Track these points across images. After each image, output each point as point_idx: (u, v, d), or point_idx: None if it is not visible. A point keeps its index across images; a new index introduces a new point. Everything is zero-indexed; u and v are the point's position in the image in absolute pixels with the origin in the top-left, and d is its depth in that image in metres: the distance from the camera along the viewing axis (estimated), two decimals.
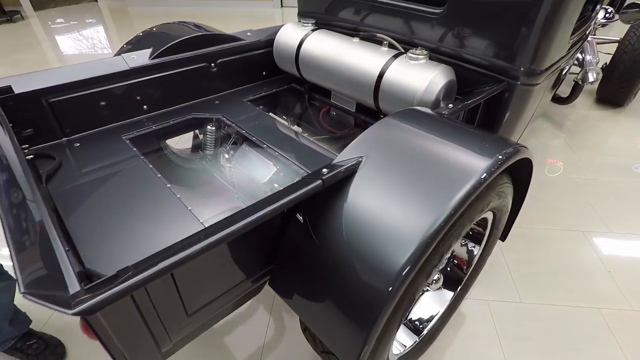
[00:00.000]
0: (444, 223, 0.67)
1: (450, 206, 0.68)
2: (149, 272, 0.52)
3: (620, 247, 1.62)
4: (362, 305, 0.69)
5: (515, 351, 1.24)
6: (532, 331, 1.30)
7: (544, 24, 1.11)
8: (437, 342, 1.25)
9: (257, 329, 1.31)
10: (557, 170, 2.01)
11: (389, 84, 1.25)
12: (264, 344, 1.26)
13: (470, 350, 1.24)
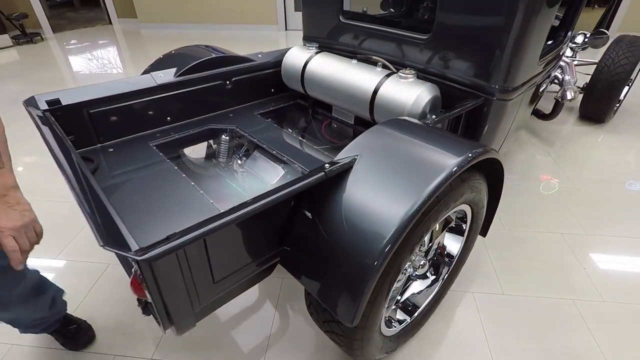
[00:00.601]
0: (419, 207, 0.84)
1: (425, 193, 0.85)
2: (191, 234, 0.69)
3: (594, 247, 1.78)
4: (356, 273, 0.85)
5: (497, 335, 1.38)
6: (512, 319, 1.45)
7: (513, 48, 1.31)
8: (427, 325, 1.40)
9: (263, 321, 1.44)
10: (552, 188, 2.15)
11: (382, 99, 1.45)
12: (270, 335, 1.40)
13: (457, 333, 1.39)
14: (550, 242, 1.80)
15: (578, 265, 1.67)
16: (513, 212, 1.98)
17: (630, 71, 2.51)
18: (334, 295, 0.90)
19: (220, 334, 1.40)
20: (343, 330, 0.99)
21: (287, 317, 1.46)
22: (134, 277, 0.84)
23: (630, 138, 2.72)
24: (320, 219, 0.94)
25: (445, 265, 1.40)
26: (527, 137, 2.75)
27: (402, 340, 1.29)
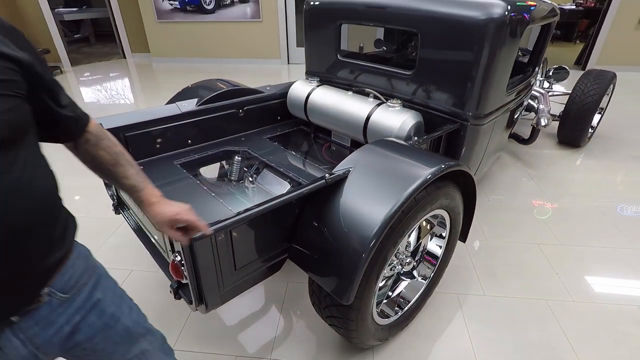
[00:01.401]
0: (399, 208, 1.07)
1: (403, 196, 1.08)
2: (228, 221, 0.92)
3: (567, 255, 1.98)
4: (350, 261, 1.06)
5: (477, 330, 1.57)
6: (492, 316, 1.63)
7: (482, 81, 1.58)
8: (417, 322, 1.58)
9: (269, 323, 1.60)
10: (546, 213, 2.34)
11: (373, 125, 1.70)
12: (275, 336, 1.57)
13: (443, 328, 1.57)
14: (528, 252, 2.00)
15: (552, 271, 1.87)
16: (496, 226, 2.20)
17: (598, 101, 2.80)
18: (333, 280, 1.11)
19: (228, 333, 1.58)
20: (341, 312, 1.19)
21: (291, 319, 1.64)
22: (173, 263, 1.05)
23: (604, 161, 2.97)
24: (321, 219, 1.16)
25: (430, 265, 1.61)
26: (511, 160, 3.00)
27: (393, 331, 1.47)
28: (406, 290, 1.56)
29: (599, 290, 1.77)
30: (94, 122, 0.80)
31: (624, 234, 2.14)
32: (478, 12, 1.49)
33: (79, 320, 0.72)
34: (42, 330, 0.66)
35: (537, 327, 1.58)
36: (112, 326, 0.77)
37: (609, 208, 2.38)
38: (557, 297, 1.72)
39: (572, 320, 1.61)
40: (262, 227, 1.14)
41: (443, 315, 1.64)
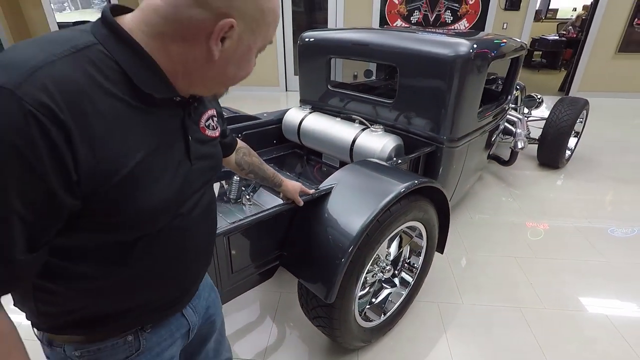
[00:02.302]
0: (374, 217, 1.24)
1: (378, 207, 1.26)
2: (222, 228, 1.09)
3: (541, 267, 2.12)
4: (331, 264, 1.22)
5: (455, 335, 1.70)
6: (469, 322, 1.76)
7: (453, 109, 1.78)
8: (399, 327, 1.72)
9: (262, 331, 1.72)
10: (524, 228, 2.49)
11: (359, 147, 1.90)
12: (268, 343, 1.69)
13: (424, 333, 1.70)
14: (504, 264, 2.15)
15: (526, 281, 2.01)
16: (476, 241, 2.35)
17: (572, 125, 3.02)
18: (317, 281, 1.26)
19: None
20: (325, 312, 1.33)
21: (283, 327, 1.76)
22: None
23: (581, 182, 3.16)
24: (308, 229, 1.33)
25: (410, 274, 1.75)
26: (494, 180, 3.19)
27: (376, 334, 1.60)
28: (388, 297, 1.70)
29: (569, 299, 1.91)
30: (239, 140, 1.07)
31: (596, 247, 2.30)
32: (447, 50, 1.72)
33: (207, 296, 0.88)
34: (199, 301, 0.82)
35: (510, 333, 1.71)
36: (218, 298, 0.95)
37: (584, 224, 2.54)
38: (530, 306, 1.86)
39: (544, 327, 1.74)
40: (255, 235, 1.30)
41: (424, 321, 1.77)
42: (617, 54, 5.40)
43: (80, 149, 0.45)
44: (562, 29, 8.00)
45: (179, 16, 0.49)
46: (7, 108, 0.40)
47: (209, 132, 0.67)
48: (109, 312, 0.63)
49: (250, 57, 0.58)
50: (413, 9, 5.45)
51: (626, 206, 2.79)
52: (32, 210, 0.44)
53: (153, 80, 0.52)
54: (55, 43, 0.47)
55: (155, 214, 0.57)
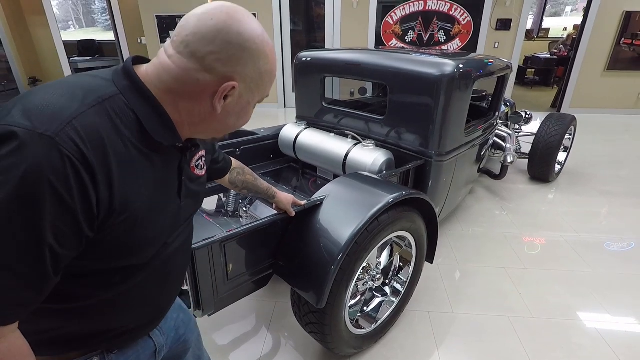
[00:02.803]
0: (363, 227, 1.31)
1: (367, 217, 1.33)
2: (219, 236, 1.16)
3: (530, 277, 2.18)
4: (322, 271, 1.29)
5: (445, 343, 1.74)
6: (459, 331, 1.81)
7: (440, 125, 1.88)
8: (389, 335, 1.76)
9: (257, 338, 1.77)
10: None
11: (351, 161, 1.99)
12: (262, 349, 1.74)
13: (414, 342, 1.74)
14: (495, 275, 2.21)
15: (515, 291, 2.07)
16: (467, 252, 2.41)
17: (560, 140, 3.12)
18: (309, 288, 1.33)
19: (220, 346, 1.75)
20: (317, 318, 1.39)
21: (277, 335, 1.81)
22: None
23: (570, 195, 3.24)
24: (301, 237, 1.40)
25: (401, 283, 1.81)
26: (486, 194, 3.27)
27: (367, 342, 1.65)
28: (379, 305, 1.75)
29: (557, 308, 1.96)
30: (233, 159, 1.18)
31: (584, 259, 2.36)
32: (433, 70, 1.82)
33: (176, 317, 0.92)
34: (165, 323, 0.86)
35: (499, 341, 1.76)
36: (190, 318, 1.00)
37: (572, 236, 2.61)
38: (518, 314, 1.91)
39: (531, 335, 1.79)
40: (250, 244, 1.37)
41: (415, 330, 1.82)
42: (606, 71, 5.56)
43: (102, 189, 0.52)
44: (554, 48, 8.23)
45: (188, 79, 0.57)
46: (48, 152, 0.47)
47: (197, 171, 0.76)
48: (82, 333, 0.66)
49: (248, 110, 0.67)
50: (407, 29, 5.64)
51: (613, 218, 2.87)
52: (61, 240, 0.50)
53: (163, 130, 0.60)
54: (85, 92, 0.54)
55: (148, 246, 0.64)
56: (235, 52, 0.57)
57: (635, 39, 5.31)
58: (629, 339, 1.78)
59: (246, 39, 0.58)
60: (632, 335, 1.80)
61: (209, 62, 0.57)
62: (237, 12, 0.58)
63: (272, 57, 0.64)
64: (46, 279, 0.51)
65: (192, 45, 0.56)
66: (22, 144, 0.46)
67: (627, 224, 2.78)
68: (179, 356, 0.97)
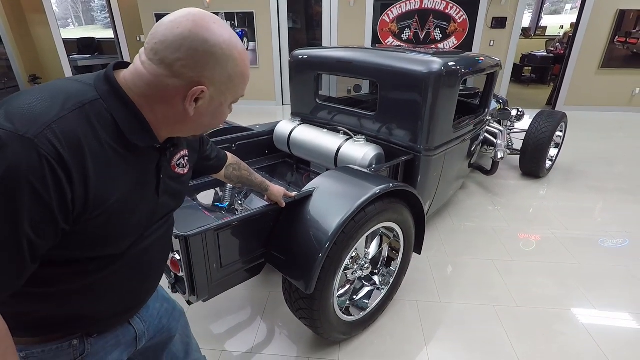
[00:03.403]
0: (349, 216, 1.38)
1: (353, 207, 1.40)
2: (214, 224, 1.23)
3: (516, 269, 2.25)
4: (310, 258, 1.35)
5: (431, 330, 1.81)
6: (445, 319, 1.88)
7: (429, 121, 1.94)
8: (378, 322, 1.84)
9: (251, 325, 1.84)
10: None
11: (342, 156, 2.05)
12: (256, 335, 1.81)
13: (401, 329, 1.82)
14: (482, 266, 2.28)
15: (501, 282, 2.14)
16: (457, 245, 2.48)
17: (550, 136, 3.19)
18: (298, 274, 1.39)
19: (215, 333, 1.83)
20: (306, 303, 1.46)
21: (270, 322, 1.87)
22: (172, 260, 1.35)
23: (560, 191, 3.31)
24: (291, 227, 1.47)
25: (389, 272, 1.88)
26: (478, 189, 3.34)
27: (356, 329, 1.72)
28: (368, 294, 1.82)
29: (541, 297, 2.03)
30: (229, 155, 1.23)
31: (571, 252, 2.43)
32: (421, 67, 1.89)
33: (159, 307, 0.98)
34: (147, 312, 0.92)
35: (482, 327, 1.83)
36: (174, 307, 1.05)
37: (560, 230, 2.68)
38: (503, 304, 1.98)
39: (514, 322, 1.86)
40: (243, 233, 1.43)
41: (403, 318, 1.89)
42: (600, 69, 5.62)
43: (77, 187, 0.56)
44: (551, 46, 8.28)
45: (159, 84, 0.61)
46: (27, 153, 0.51)
47: (179, 169, 0.80)
48: (60, 317, 0.70)
49: (222, 110, 0.71)
50: (404, 27, 5.69)
51: (602, 213, 2.94)
52: (37, 232, 0.54)
53: (140, 133, 0.64)
54: (66, 97, 0.58)
55: (123, 238, 0.69)
56: (202, 58, 0.60)
57: (629, 37, 5.37)
58: (608, 326, 1.85)
59: (212, 45, 0.61)
60: (611, 323, 1.87)
61: (177, 69, 0.60)
62: (203, 19, 0.61)
63: (241, 60, 0.66)
64: (24, 266, 0.56)
65: (160, 53, 0.60)
66: (4, 145, 0.51)
67: (615, 219, 2.85)
68: (165, 343, 1.03)
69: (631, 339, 1.78)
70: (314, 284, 1.36)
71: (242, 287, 2.09)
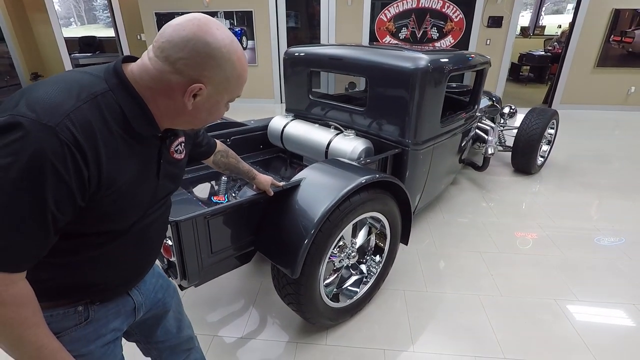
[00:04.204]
0: (334, 204, 1.44)
1: (338, 196, 1.46)
2: (203, 211, 1.29)
3: (503, 261, 2.31)
4: (296, 244, 1.42)
5: (417, 318, 1.88)
6: (430, 307, 1.94)
7: (416, 116, 2.00)
8: (365, 310, 1.90)
9: (243, 311, 1.91)
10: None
11: (333, 149, 2.12)
12: (247, 321, 1.88)
13: (388, 317, 1.88)
14: (470, 258, 2.34)
15: (488, 273, 2.20)
16: (446, 238, 2.54)
17: (541, 133, 3.24)
18: (285, 260, 1.46)
19: (208, 319, 1.89)
20: (293, 288, 1.53)
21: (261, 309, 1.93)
22: (165, 245, 1.41)
23: (551, 187, 3.36)
24: (279, 216, 1.53)
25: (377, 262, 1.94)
26: (470, 185, 3.39)
27: (343, 315, 1.79)
28: (356, 282, 1.89)
29: (525, 288, 2.09)
30: (218, 142, 1.28)
31: (557, 245, 2.49)
32: (408, 64, 1.95)
33: (155, 282, 1.05)
34: (144, 285, 0.99)
35: (466, 316, 1.89)
36: (168, 284, 1.12)
37: (547, 224, 2.74)
38: (488, 293, 2.04)
39: (498, 311, 1.92)
40: (232, 221, 1.50)
41: (390, 306, 1.95)
42: (596, 68, 5.67)
43: (92, 169, 0.64)
44: (549, 45, 8.32)
45: (162, 79, 0.68)
46: (50, 139, 0.59)
47: (176, 155, 0.88)
48: (70, 285, 0.77)
49: (219, 107, 0.77)
50: (401, 26, 5.75)
51: (592, 208, 2.99)
52: (59, 207, 0.62)
53: (144, 123, 0.72)
54: (80, 88, 0.65)
55: (128, 215, 0.77)
56: (202, 59, 0.67)
57: (624, 36, 5.41)
58: (590, 316, 1.91)
59: (213, 48, 0.67)
60: (593, 313, 1.93)
61: (179, 66, 0.67)
62: (207, 24, 0.68)
63: (239, 64, 0.72)
64: (48, 237, 0.64)
65: (166, 51, 0.67)
66: (29, 132, 0.58)
67: (604, 215, 2.91)
68: (161, 316, 1.10)
69: (611, 328, 1.84)
70: (299, 269, 1.42)
71: (235, 277, 2.17)
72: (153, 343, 1.14)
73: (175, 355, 1.21)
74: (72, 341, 0.79)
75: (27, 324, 0.66)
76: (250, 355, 1.70)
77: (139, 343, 1.14)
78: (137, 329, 1.07)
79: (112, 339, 0.89)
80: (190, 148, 1.05)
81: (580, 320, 1.87)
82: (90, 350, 0.83)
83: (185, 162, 0.96)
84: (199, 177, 2.24)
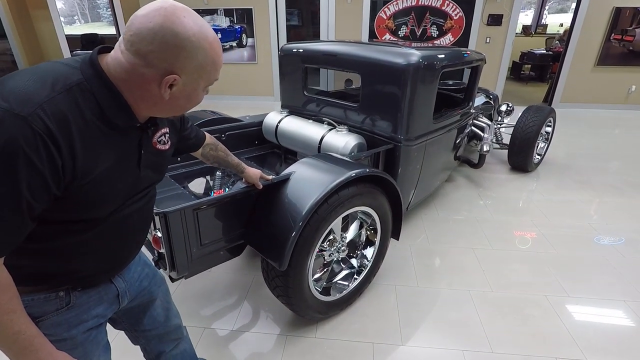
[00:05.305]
0: (322, 197, 1.46)
1: (328, 189, 1.48)
2: (191, 203, 1.31)
3: (494, 257, 2.32)
4: (284, 236, 1.43)
5: (407, 312, 1.89)
6: (420, 302, 1.96)
7: (408, 112, 2.01)
8: (356, 304, 1.91)
9: (234, 305, 1.93)
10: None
11: (326, 145, 2.13)
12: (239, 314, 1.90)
13: (378, 311, 1.89)
14: (462, 254, 2.35)
15: (479, 269, 2.21)
16: (439, 234, 2.55)
17: (537, 131, 3.24)
18: (273, 252, 1.48)
19: (199, 311, 1.91)
20: (282, 281, 1.54)
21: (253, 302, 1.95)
22: (154, 237, 1.43)
23: (547, 184, 3.36)
24: (268, 209, 1.55)
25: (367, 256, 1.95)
26: (466, 182, 3.40)
27: (332, 309, 1.80)
28: (347, 277, 1.90)
29: (516, 283, 2.10)
30: (208, 135, 1.28)
31: (551, 242, 2.49)
32: (400, 60, 1.96)
33: (140, 270, 1.06)
34: (128, 273, 1.00)
35: (456, 311, 1.90)
36: (155, 273, 1.14)
37: (542, 221, 2.74)
38: (479, 288, 2.05)
39: (487, 306, 1.93)
40: (221, 213, 1.51)
41: (380, 300, 1.97)
42: (596, 67, 5.64)
43: (66, 158, 0.64)
44: (550, 44, 8.29)
45: (135, 72, 0.68)
46: (23, 129, 0.59)
47: (159, 146, 0.89)
48: (49, 271, 0.78)
49: (197, 94, 0.77)
50: (400, 24, 5.75)
51: (587, 206, 2.99)
52: (34, 195, 0.63)
53: (119, 113, 0.72)
54: (54, 79, 0.65)
55: (105, 204, 0.77)
56: (173, 51, 0.67)
57: (625, 35, 5.39)
58: (579, 312, 1.92)
59: (182, 39, 0.67)
60: (582, 309, 1.94)
61: (150, 59, 0.67)
62: (173, 13, 0.66)
63: (210, 50, 0.72)
64: (24, 224, 0.65)
65: (135, 45, 0.66)
66: (1, 121, 0.58)
67: (598, 212, 2.91)
68: (147, 305, 1.12)
69: (601, 324, 1.85)
70: (287, 261, 1.44)
71: (228, 270, 2.19)
72: (140, 331, 1.16)
73: (163, 344, 1.23)
74: (53, 325, 0.81)
75: (3, 309, 0.67)
76: (241, 347, 1.72)
77: (127, 331, 1.16)
78: (123, 316, 1.09)
79: (95, 325, 0.90)
80: (178, 140, 1.07)
81: (570, 316, 1.88)
82: (72, 335, 0.85)
83: (171, 153, 0.97)
84: (194, 172, 2.26)
